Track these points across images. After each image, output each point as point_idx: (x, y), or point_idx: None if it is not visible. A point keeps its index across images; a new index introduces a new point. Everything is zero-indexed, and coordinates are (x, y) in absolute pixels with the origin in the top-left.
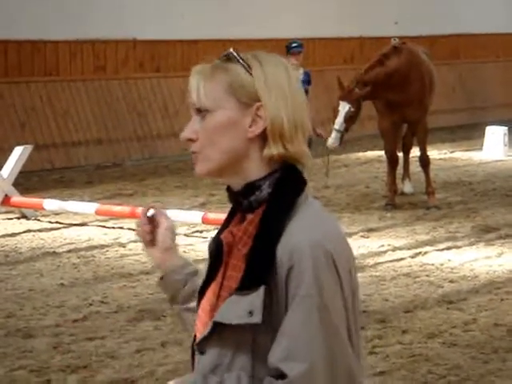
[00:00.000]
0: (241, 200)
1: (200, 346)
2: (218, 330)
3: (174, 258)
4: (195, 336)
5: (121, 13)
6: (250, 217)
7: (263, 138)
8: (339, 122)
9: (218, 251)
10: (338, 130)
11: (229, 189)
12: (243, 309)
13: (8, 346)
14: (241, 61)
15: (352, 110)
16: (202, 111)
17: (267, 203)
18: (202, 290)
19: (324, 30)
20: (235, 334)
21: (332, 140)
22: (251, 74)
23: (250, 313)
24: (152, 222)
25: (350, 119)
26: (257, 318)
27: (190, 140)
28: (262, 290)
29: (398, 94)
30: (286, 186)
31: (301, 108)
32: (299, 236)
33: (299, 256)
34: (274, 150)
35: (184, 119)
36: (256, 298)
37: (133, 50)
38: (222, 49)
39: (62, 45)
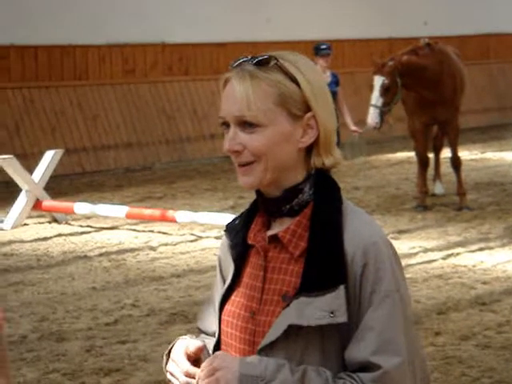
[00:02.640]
0: (281, 205)
1: (263, 352)
2: (287, 333)
3: None
4: (219, 340)
5: (149, 17)
6: (287, 220)
7: (310, 146)
8: (375, 96)
9: (241, 257)
10: (374, 105)
11: (260, 194)
12: (321, 309)
13: (42, 350)
14: (283, 70)
15: (386, 81)
16: (248, 123)
17: (314, 204)
18: (226, 296)
19: (353, 32)
20: (304, 335)
21: (370, 117)
22: (296, 84)
23: (332, 313)
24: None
25: (385, 93)
26: (342, 318)
27: (236, 152)
28: (341, 289)
29: (431, 92)
30: (326, 186)
31: (333, 109)
32: (367, 233)
33: (375, 252)
34: (325, 159)
35: (213, 122)
36: (335, 297)
37: (161, 54)
38: (251, 51)
39: (91, 49)
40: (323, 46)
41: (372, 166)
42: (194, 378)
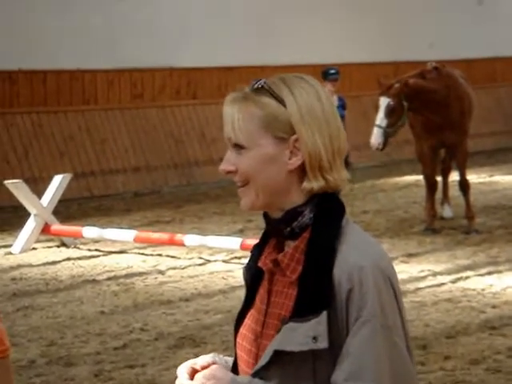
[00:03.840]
0: (282, 227)
1: (257, 375)
2: (277, 359)
3: None
4: (235, 364)
5: (157, 41)
6: (291, 243)
7: (302, 168)
8: (380, 117)
9: (254, 279)
10: (378, 126)
11: (266, 216)
12: (305, 335)
13: (50, 374)
14: (272, 92)
15: (391, 103)
16: (237, 145)
17: (312, 227)
18: (240, 318)
19: (359, 55)
20: (295, 361)
21: (374, 137)
22: (284, 106)
23: (315, 338)
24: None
25: (390, 114)
26: (323, 343)
27: (230, 172)
28: (324, 314)
29: (438, 115)
30: (328, 209)
31: (337, 133)
32: (355, 257)
33: (359, 277)
34: (314, 183)
35: (221, 146)
36: (318, 323)
37: (169, 78)
38: (259, 75)
39: (99, 74)
40: (332, 71)
41: (380, 189)
42: None
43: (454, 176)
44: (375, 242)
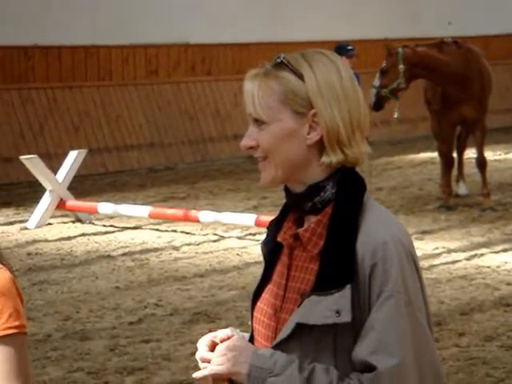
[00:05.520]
0: (304, 202)
1: (278, 349)
2: (298, 332)
3: None
4: (251, 338)
5: (172, 17)
6: (312, 218)
7: (321, 142)
8: (376, 77)
9: (272, 254)
10: (373, 86)
11: (287, 190)
12: (329, 308)
13: (66, 349)
14: (291, 67)
15: (384, 64)
16: (258, 120)
17: (335, 203)
18: (257, 292)
19: (376, 32)
20: (317, 334)
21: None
22: (303, 81)
23: (338, 312)
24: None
25: (383, 75)
26: (346, 317)
27: (251, 148)
28: (348, 288)
29: (458, 90)
30: (349, 185)
31: (356, 107)
32: (379, 233)
33: (383, 253)
34: (332, 157)
35: (236, 122)
36: (341, 296)
37: (184, 54)
38: (274, 52)
39: (114, 50)
40: (349, 47)
41: (395, 166)
42: (209, 362)
43: (469, 153)
44: (396, 219)
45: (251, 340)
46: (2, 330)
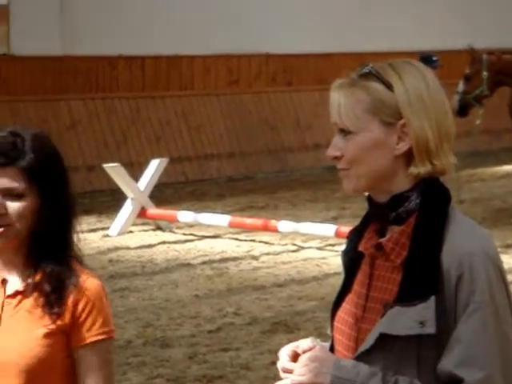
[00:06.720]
0: (387, 212)
1: (359, 359)
2: (381, 343)
3: None
4: (331, 347)
5: (254, 27)
6: (396, 228)
7: (409, 153)
8: (460, 83)
9: (352, 264)
10: (456, 92)
11: (370, 200)
12: (412, 319)
13: (146, 355)
14: (380, 77)
15: (467, 70)
16: (344, 130)
17: (419, 213)
18: (337, 301)
19: (457, 42)
20: (400, 345)
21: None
22: (392, 91)
23: (422, 323)
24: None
25: (466, 81)
26: (430, 329)
27: (336, 158)
28: (432, 299)
29: None
30: (434, 195)
31: (444, 117)
32: (464, 243)
33: (470, 264)
34: (421, 168)
35: (316, 132)
36: (426, 308)
37: (265, 65)
38: (355, 62)
39: (196, 60)
40: (434, 58)
41: (478, 178)
42: (291, 372)
43: None
44: (482, 230)
45: (331, 349)
46: (98, 334)
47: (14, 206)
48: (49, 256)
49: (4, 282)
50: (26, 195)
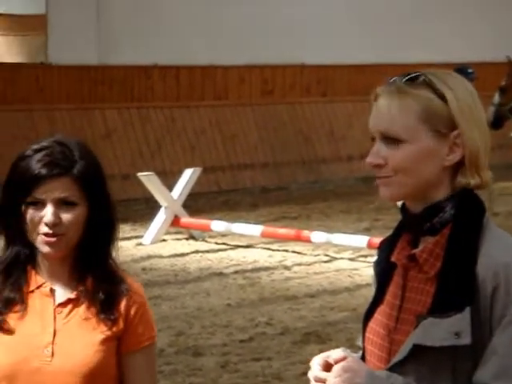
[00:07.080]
0: (422, 223)
1: (393, 370)
2: (414, 354)
3: None
4: (363, 358)
5: (289, 38)
6: (429, 239)
7: (458, 164)
8: (495, 94)
9: (383, 274)
10: (492, 103)
11: (403, 211)
12: (447, 330)
13: (179, 363)
14: (432, 86)
15: (503, 82)
16: (391, 138)
17: (454, 223)
18: (369, 312)
19: (493, 54)
20: (434, 356)
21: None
22: (444, 100)
23: (457, 334)
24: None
25: (501, 92)
26: (466, 340)
27: (377, 165)
28: (467, 310)
29: None
30: (469, 206)
31: (487, 133)
32: (500, 255)
33: (506, 275)
34: (470, 179)
35: (350, 143)
36: (461, 319)
37: (300, 75)
38: (391, 73)
39: (231, 70)
40: (469, 70)
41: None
42: (324, 382)
43: None
44: None
45: (362, 360)
46: (149, 338)
47: (67, 215)
48: (96, 263)
49: (52, 291)
50: (79, 204)
